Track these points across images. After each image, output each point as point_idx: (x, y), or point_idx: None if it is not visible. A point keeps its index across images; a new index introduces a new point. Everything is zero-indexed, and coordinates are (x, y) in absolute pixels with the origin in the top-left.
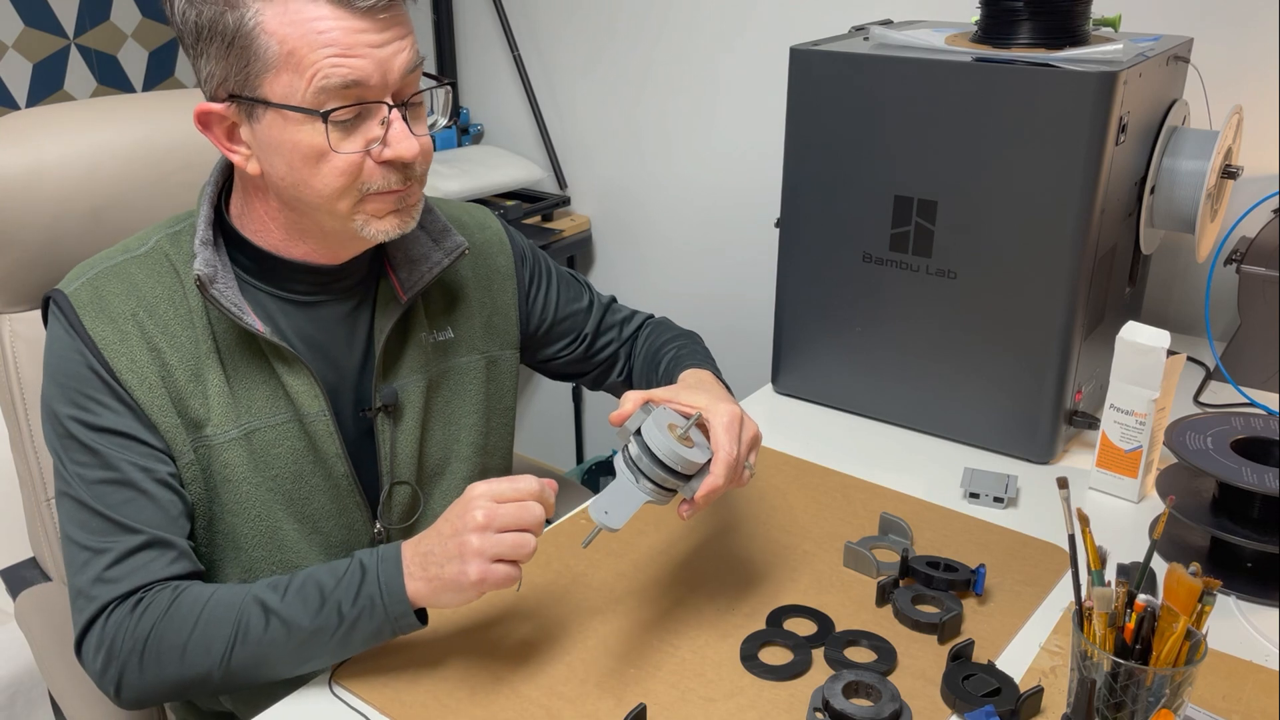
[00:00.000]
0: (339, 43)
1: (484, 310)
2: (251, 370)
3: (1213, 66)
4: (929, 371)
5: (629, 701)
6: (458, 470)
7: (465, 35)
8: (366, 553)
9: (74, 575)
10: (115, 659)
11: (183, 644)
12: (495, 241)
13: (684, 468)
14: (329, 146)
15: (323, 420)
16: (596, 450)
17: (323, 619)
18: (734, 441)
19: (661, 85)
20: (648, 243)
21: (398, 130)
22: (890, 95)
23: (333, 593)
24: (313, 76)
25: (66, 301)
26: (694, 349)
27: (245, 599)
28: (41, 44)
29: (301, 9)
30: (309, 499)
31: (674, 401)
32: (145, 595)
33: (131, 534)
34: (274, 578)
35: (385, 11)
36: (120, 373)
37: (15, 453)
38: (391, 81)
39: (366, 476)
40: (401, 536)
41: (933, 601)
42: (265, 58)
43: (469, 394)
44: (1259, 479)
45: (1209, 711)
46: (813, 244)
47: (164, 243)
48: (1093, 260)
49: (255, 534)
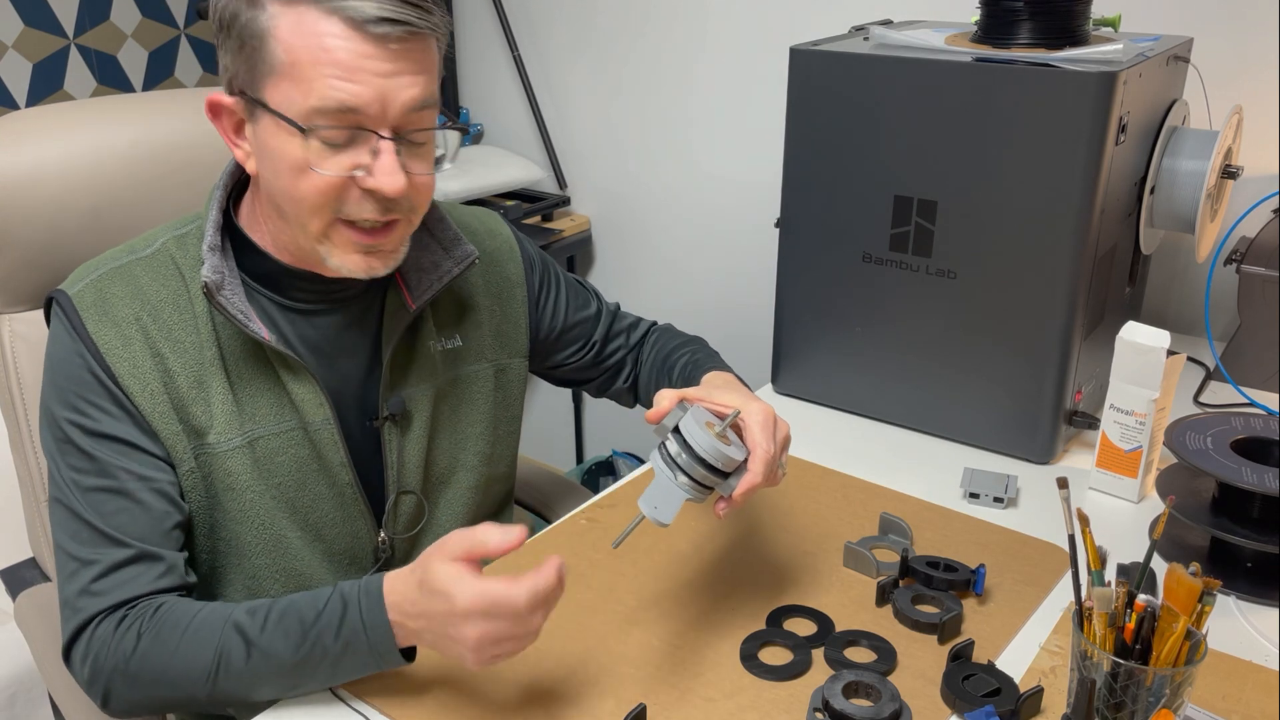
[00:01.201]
0: (343, 64)
1: (494, 319)
2: (256, 377)
3: (1213, 66)
4: (929, 371)
5: (629, 701)
6: (463, 479)
7: (465, 35)
8: (348, 585)
9: (62, 584)
10: (101, 674)
11: (165, 667)
12: (505, 249)
13: (724, 464)
14: (310, 164)
15: (327, 429)
16: (596, 450)
17: (305, 652)
18: (770, 439)
19: (662, 85)
20: (648, 243)
21: (385, 163)
22: (890, 95)
23: (313, 626)
24: (309, 93)
25: (69, 302)
26: (708, 352)
27: (225, 626)
28: (41, 44)
29: (316, 22)
30: (313, 507)
31: (708, 400)
32: (129, 613)
33: (120, 547)
34: (254, 602)
35: (399, 43)
36: (121, 377)
37: (15, 453)
38: (391, 114)
39: (371, 485)
40: (406, 546)
41: (933, 601)
42: (271, 62)
43: (477, 403)
44: (1259, 479)
45: (1209, 711)
46: (813, 244)
47: (170, 245)
48: (1093, 260)
49: (259, 541)
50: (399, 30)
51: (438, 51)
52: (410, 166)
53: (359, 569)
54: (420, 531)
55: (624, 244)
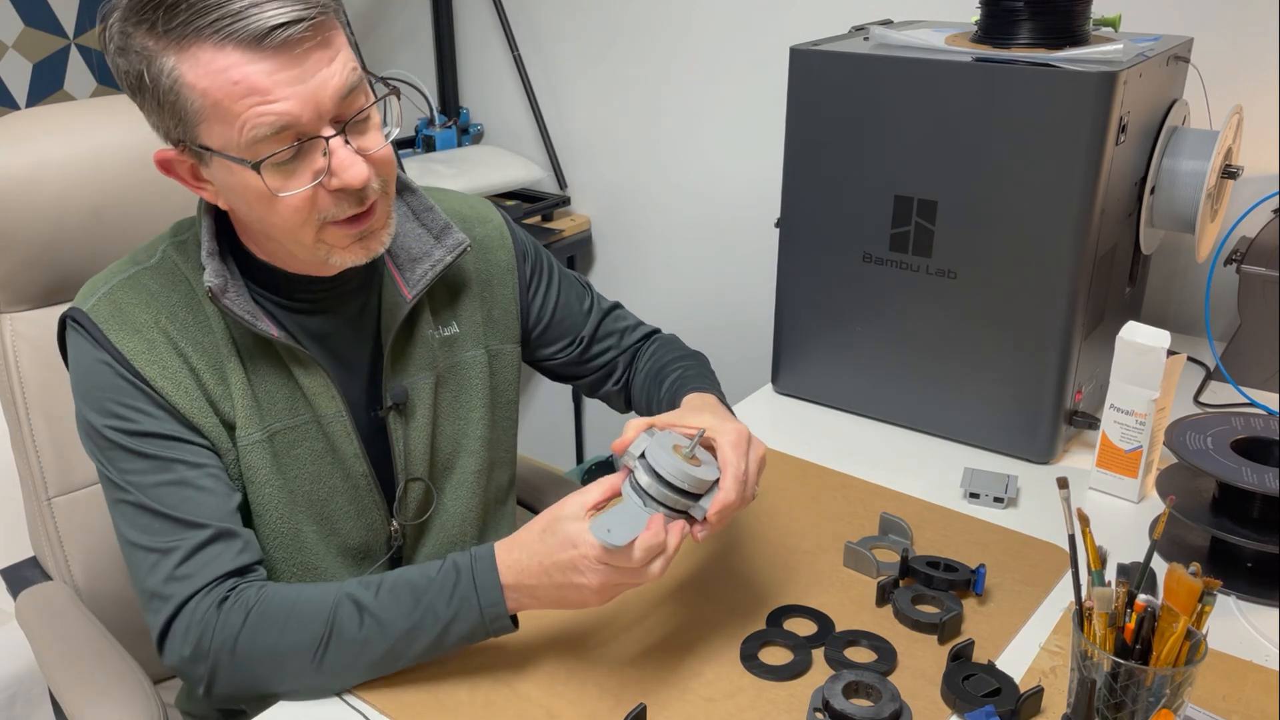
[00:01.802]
0: (257, 89)
1: (485, 305)
2: (270, 373)
3: (1213, 66)
4: (929, 371)
5: (629, 701)
6: (467, 464)
7: (465, 35)
8: (459, 555)
9: (144, 578)
10: (205, 657)
11: (276, 642)
12: (496, 236)
13: (692, 486)
14: (272, 190)
15: (340, 420)
16: (596, 450)
17: (417, 618)
18: (742, 457)
19: (661, 85)
20: (648, 242)
21: (341, 158)
22: (890, 95)
23: (425, 592)
24: (242, 127)
25: (87, 319)
26: (701, 371)
27: (338, 596)
28: (41, 44)
29: (213, 59)
30: (328, 500)
31: (678, 425)
32: (231, 593)
33: (197, 529)
34: (364, 577)
35: (300, 43)
36: (153, 380)
37: (15, 452)
38: (325, 112)
39: (381, 475)
40: (416, 533)
41: (933, 601)
42: (193, 110)
43: (474, 388)
44: (1259, 479)
45: (1209, 711)
46: (813, 244)
47: (171, 252)
48: (1093, 260)
49: (276, 535)
50: (296, 31)
51: (339, 21)
52: (364, 147)
53: (371, 560)
54: (429, 518)
55: (624, 244)
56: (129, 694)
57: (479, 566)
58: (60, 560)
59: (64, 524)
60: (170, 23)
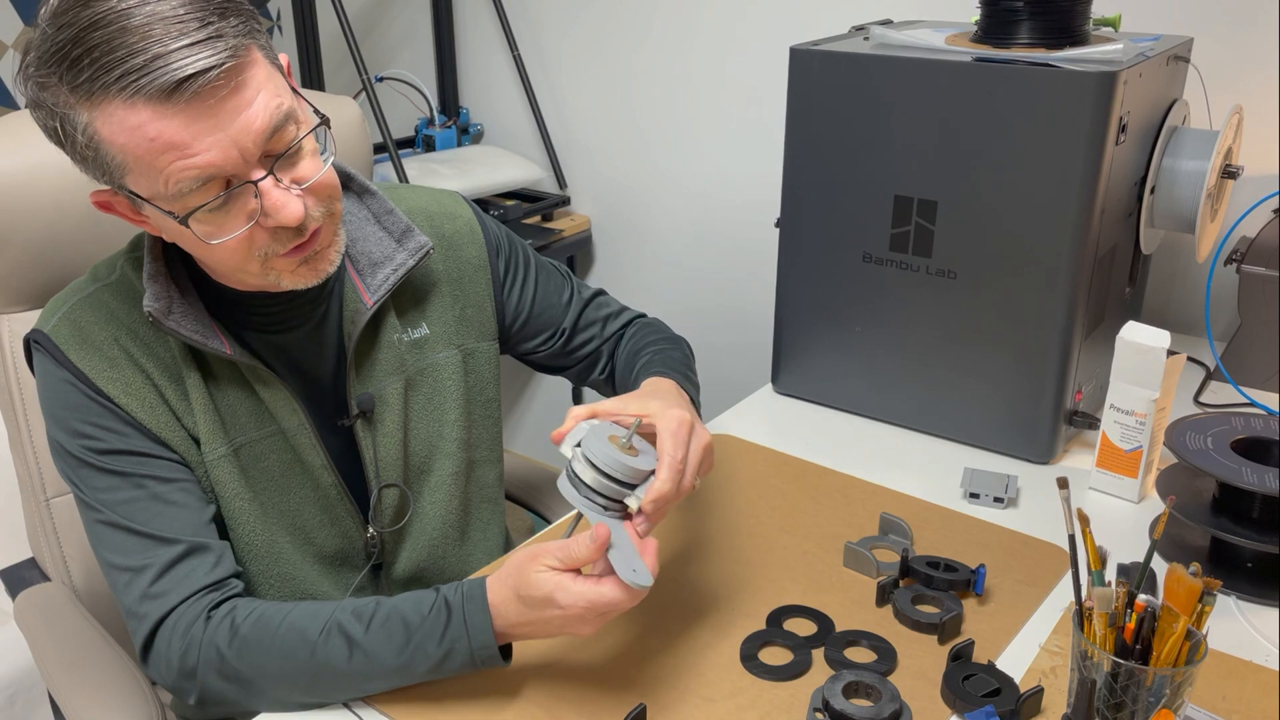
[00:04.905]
0: (175, 144)
1: (457, 304)
2: (231, 388)
3: (1213, 66)
4: (929, 371)
5: (629, 701)
6: (444, 466)
7: (465, 35)
8: (450, 589)
9: (122, 596)
10: (192, 675)
11: (261, 666)
12: (466, 232)
13: (627, 475)
14: (208, 236)
15: (303, 433)
16: None
17: (407, 657)
18: (680, 445)
19: (661, 85)
20: (648, 242)
21: (274, 199)
22: (890, 95)
23: (417, 630)
24: (166, 181)
25: (48, 340)
26: (668, 355)
27: (329, 624)
28: None
29: (125, 116)
30: (299, 511)
31: (620, 413)
32: (214, 611)
33: (169, 545)
34: (356, 601)
35: (214, 94)
36: (116, 398)
37: (15, 453)
38: (251, 156)
39: (355, 482)
40: (395, 538)
41: (933, 601)
42: (115, 163)
43: (448, 389)
44: (1259, 479)
45: (1209, 711)
46: (813, 244)
47: (127, 269)
48: (1093, 260)
49: (251, 547)
50: (207, 80)
51: (259, 47)
52: (300, 177)
53: (351, 569)
54: (407, 523)
55: (624, 244)
56: (127, 694)
57: (470, 608)
58: (59, 561)
59: (62, 525)
60: (76, 79)
